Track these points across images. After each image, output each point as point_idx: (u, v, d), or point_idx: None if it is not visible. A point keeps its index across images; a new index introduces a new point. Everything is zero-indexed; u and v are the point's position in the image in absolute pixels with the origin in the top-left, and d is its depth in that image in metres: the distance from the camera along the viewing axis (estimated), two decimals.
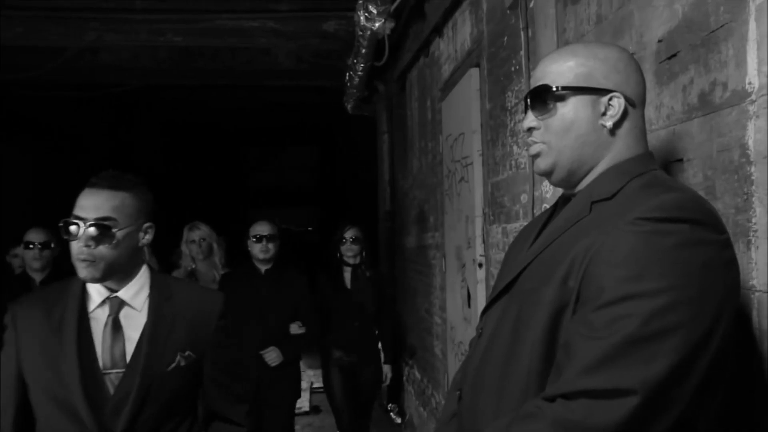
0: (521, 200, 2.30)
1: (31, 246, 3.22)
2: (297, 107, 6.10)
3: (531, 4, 2.16)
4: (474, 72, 2.87)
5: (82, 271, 1.42)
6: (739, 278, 0.99)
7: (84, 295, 1.49)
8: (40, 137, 5.71)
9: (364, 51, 4.07)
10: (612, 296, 0.91)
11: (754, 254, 1.09)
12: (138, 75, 5.40)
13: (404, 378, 4.94)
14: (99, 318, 1.48)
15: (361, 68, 4.40)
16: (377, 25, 3.64)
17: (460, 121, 3.11)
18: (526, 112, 1.14)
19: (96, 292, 1.49)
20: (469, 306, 2.93)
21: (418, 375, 4.43)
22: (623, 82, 1.09)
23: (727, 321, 0.93)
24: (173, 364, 1.49)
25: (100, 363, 1.44)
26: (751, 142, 1.10)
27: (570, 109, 1.08)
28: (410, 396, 4.72)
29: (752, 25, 1.09)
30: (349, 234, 3.78)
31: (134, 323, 1.49)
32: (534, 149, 1.13)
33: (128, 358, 1.46)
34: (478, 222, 2.87)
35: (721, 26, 1.17)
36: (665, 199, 0.96)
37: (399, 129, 5.12)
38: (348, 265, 3.79)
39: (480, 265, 2.82)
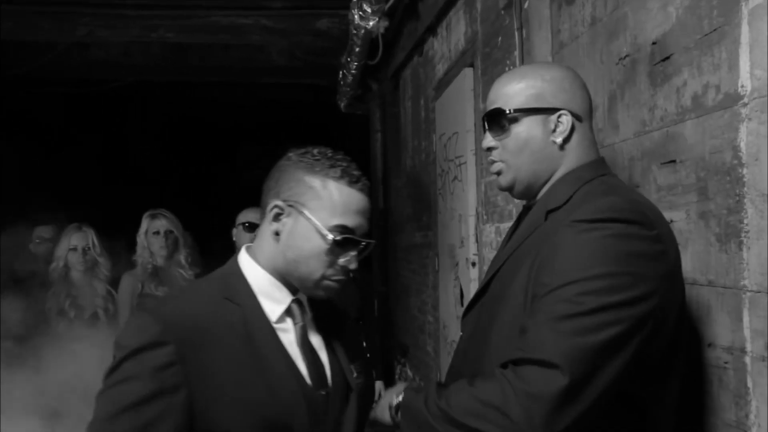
0: (514, 200, 2.32)
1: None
2: (290, 105, 6.09)
3: (525, 5, 2.17)
4: (468, 72, 2.88)
5: (330, 288, 1.12)
6: (673, 270, 1.07)
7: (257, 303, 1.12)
8: (30, 133, 5.67)
9: (357, 49, 4.07)
10: (552, 285, 1.02)
11: (746, 254, 1.11)
12: (130, 71, 5.36)
13: (396, 376, 4.95)
14: (286, 328, 1.14)
15: (354, 66, 4.40)
16: (371, 23, 3.64)
17: (454, 121, 3.12)
18: (484, 132, 1.24)
19: (269, 299, 1.12)
20: (461, 304, 2.94)
21: (410, 373, 4.44)
22: (570, 100, 1.18)
23: (665, 309, 1.03)
24: (355, 375, 1.20)
25: (307, 380, 1.12)
26: (743, 144, 1.12)
27: (523, 129, 1.18)
28: None
29: (745, 29, 1.11)
30: None
31: (311, 331, 1.19)
32: (495, 168, 1.23)
33: (328, 372, 1.16)
34: (471, 221, 2.88)
35: (715, 29, 1.19)
36: (601, 203, 1.07)
37: (392, 128, 5.12)
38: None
39: (473, 264, 2.83)
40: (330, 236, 1.07)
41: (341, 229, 1.08)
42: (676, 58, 1.31)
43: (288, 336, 1.13)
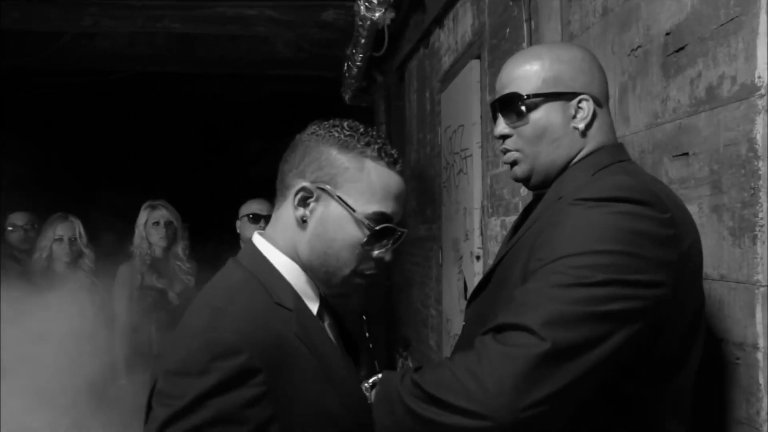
0: (520, 193, 2.30)
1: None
2: (295, 97, 6.07)
3: None
4: (475, 64, 2.86)
5: (356, 285, 1.01)
6: (686, 260, 0.98)
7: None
8: (34, 123, 5.66)
9: (363, 41, 4.04)
10: (547, 259, 0.96)
11: (760, 249, 1.09)
12: (135, 62, 5.35)
13: (398, 370, 4.95)
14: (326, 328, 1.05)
15: (360, 58, 4.37)
16: (377, 15, 3.62)
17: (460, 113, 3.09)
18: (495, 119, 1.15)
19: (306, 298, 1.00)
20: (465, 298, 2.92)
21: (412, 366, 4.43)
22: (589, 83, 1.11)
23: (672, 301, 0.95)
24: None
25: None
26: (759, 137, 1.09)
27: (542, 116, 1.09)
28: None
29: (763, 19, 1.09)
30: None
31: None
32: (509, 157, 1.14)
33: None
34: (476, 214, 2.86)
35: (731, 19, 1.16)
36: (609, 182, 1.01)
37: (397, 120, 5.10)
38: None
39: (477, 258, 2.81)
40: (369, 225, 0.94)
41: (380, 216, 0.96)
42: (691, 49, 1.29)
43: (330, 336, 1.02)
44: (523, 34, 2.25)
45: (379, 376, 1.05)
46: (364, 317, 3.71)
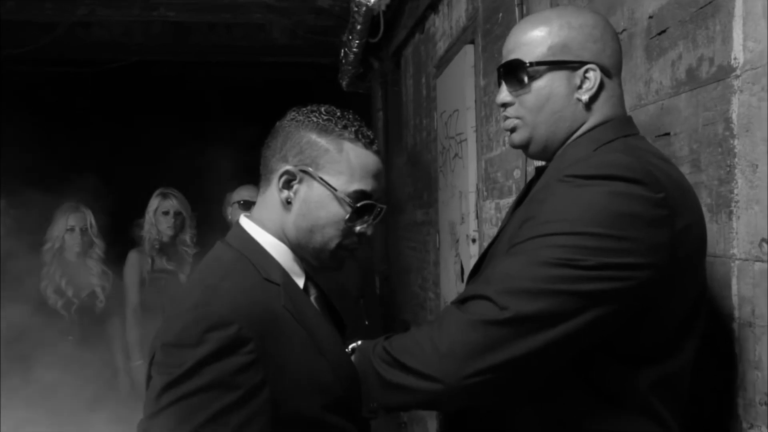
0: (514, 176, 2.34)
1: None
2: (292, 84, 6.08)
3: None
4: (469, 49, 2.89)
5: (344, 259, 1.07)
6: (679, 240, 0.95)
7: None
8: (32, 113, 5.68)
9: (359, 27, 4.06)
10: (526, 237, 0.95)
11: (735, 224, 1.14)
12: (131, 51, 5.36)
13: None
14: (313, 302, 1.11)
15: (356, 45, 4.39)
16: (373, 0, 3.63)
17: (455, 98, 3.13)
18: (499, 85, 1.13)
19: (293, 274, 1.06)
20: (462, 281, 2.98)
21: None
22: (600, 52, 1.05)
23: (662, 281, 0.92)
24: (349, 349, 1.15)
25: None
26: (734, 116, 1.13)
27: (545, 85, 1.05)
28: None
29: (739, 2, 1.12)
30: None
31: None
32: (509, 124, 1.12)
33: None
34: (472, 198, 2.90)
35: (710, 2, 1.20)
36: (600, 159, 0.98)
37: (394, 106, 5.12)
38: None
39: (473, 241, 2.86)
40: (350, 203, 1.01)
41: (360, 194, 1.03)
42: (672, 32, 1.33)
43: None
44: (515, 18, 2.27)
45: (358, 343, 1.09)
46: (361, 300, 3.75)
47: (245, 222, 1.09)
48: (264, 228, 1.06)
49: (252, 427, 0.89)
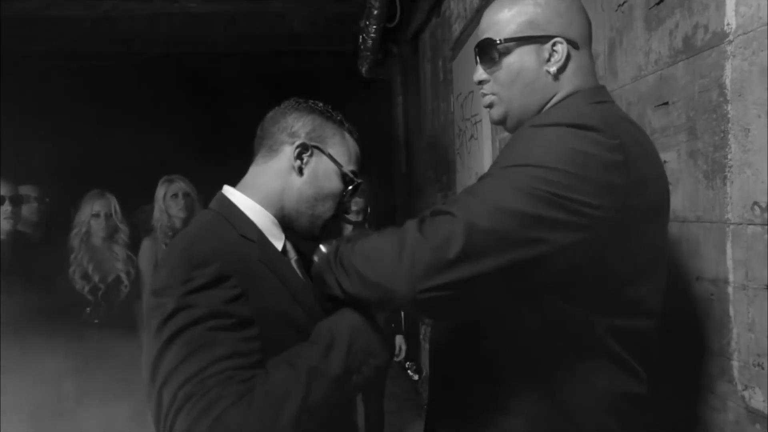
0: None
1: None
2: (314, 73, 6.13)
3: None
4: None
5: (328, 228, 1.21)
6: (634, 189, 0.96)
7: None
8: (60, 108, 5.85)
9: (376, 12, 4.08)
10: (488, 173, 1.00)
11: (729, 189, 1.15)
12: (155, 43, 5.47)
13: (421, 336, 5.07)
14: (288, 261, 1.21)
15: (373, 30, 4.41)
16: None
17: (470, 79, 3.13)
18: (477, 64, 1.18)
19: (270, 235, 1.17)
20: None
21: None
22: (566, 26, 1.09)
23: (616, 223, 0.94)
24: None
25: None
26: (728, 81, 1.14)
27: (515, 60, 1.10)
28: (427, 353, 4.85)
29: None
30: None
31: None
32: (486, 100, 1.17)
33: None
34: None
35: None
36: (561, 110, 1.04)
37: (413, 91, 5.14)
38: (350, 222, 3.46)
39: None
40: (351, 179, 1.19)
41: (353, 174, 1.21)
42: (669, 1, 1.33)
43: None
44: None
45: (321, 248, 1.14)
46: None
47: (226, 189, 1.20)
48: (247, 194, 1.17)
49: (251, 347, 0.96)
